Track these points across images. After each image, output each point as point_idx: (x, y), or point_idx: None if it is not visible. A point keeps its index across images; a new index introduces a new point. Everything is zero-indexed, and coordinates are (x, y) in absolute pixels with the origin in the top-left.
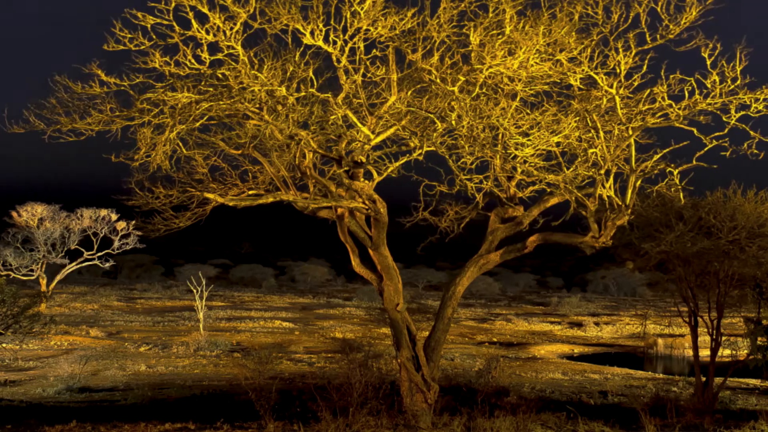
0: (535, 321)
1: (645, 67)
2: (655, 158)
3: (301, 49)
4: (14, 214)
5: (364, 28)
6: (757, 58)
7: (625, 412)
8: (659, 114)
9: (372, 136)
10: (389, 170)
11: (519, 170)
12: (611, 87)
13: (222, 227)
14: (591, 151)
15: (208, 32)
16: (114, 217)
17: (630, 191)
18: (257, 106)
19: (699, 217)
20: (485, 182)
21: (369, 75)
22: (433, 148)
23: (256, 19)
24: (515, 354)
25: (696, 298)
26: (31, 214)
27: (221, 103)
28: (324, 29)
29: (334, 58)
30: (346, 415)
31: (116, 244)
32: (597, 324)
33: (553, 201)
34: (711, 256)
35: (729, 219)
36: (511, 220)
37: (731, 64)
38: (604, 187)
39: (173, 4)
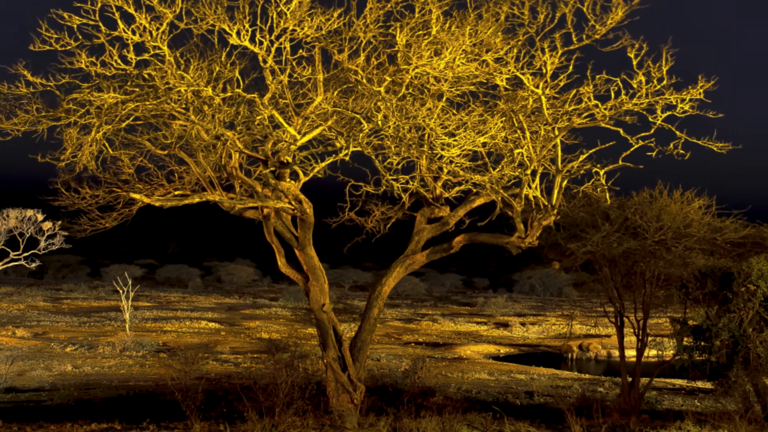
0: (461, 321)
1: (571, 68)
2: (581, 158)
3: (228, 49)
4: None
5: (291, 28)
6: (682, 59)
7: (552, 413)
8: (585, 114)
9: (298, 137)
10: (315, 170)
11: (445, 170)
12: (537, 87)
13: (148, 227)
14: (517, 151)
15: (134, 32)
16: (40, 217)
17: (556, 191)
18: (183, 106)
19: (625, 217)
20: (411, 182)
21: (295, 75)
22: (359, 149)
23: (183, 19)
24: (441, 354)
25: (622, 299)
26: None
27: (147, 103)
28: (250, 29)
29: (260, 59)
30: (272, 415)
31: (42, 244)
32: (523, 324)
33: (480, 201)
34: (637, 256)
35: (655, 219)
36: (437, 220)
37: (657, 65)
38: (530, 188)
39: (99, 5)
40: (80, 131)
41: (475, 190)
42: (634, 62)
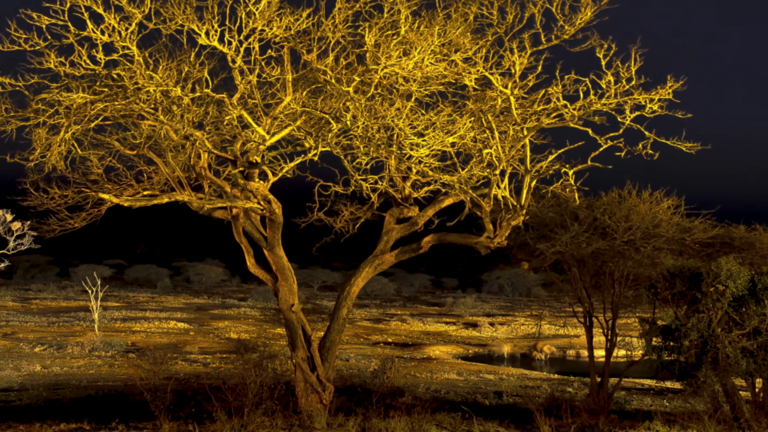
0: (430, 321)
1: (540, 68)
2: (550, 158)
3: (196, 49)
4: None
5: (259, 28)
6: (651, 59)
7: (521, 413)
8: (554, 114)
9: (267, 137)
10: (284, 171)
11: (414, 170)
12: (506, 87)
13: (117, 228)
14: (486, 151)
15: (103, 32)
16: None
17: (525, 191)
18: (152, 106)
19: (594, 217)
20: (380, 183)
21: (264, 75)
22: (328, 149)
23: (151, 19)
24: (410, 354)
25: (591, 299)
26: None
27: (116, 103)
28: (219, 30)
29: (229, 59)
30: (241, 415)
31: (11, 244)
32: (492, 324)
33: (448, 201)
34: (606, 256)
35: (624, 219)
36: (406, 220)
37: (626, 65)
38: (499, 188)
39: (68, 5)
40: (49, 131)
41: (443, 190)
42: (603, 62)
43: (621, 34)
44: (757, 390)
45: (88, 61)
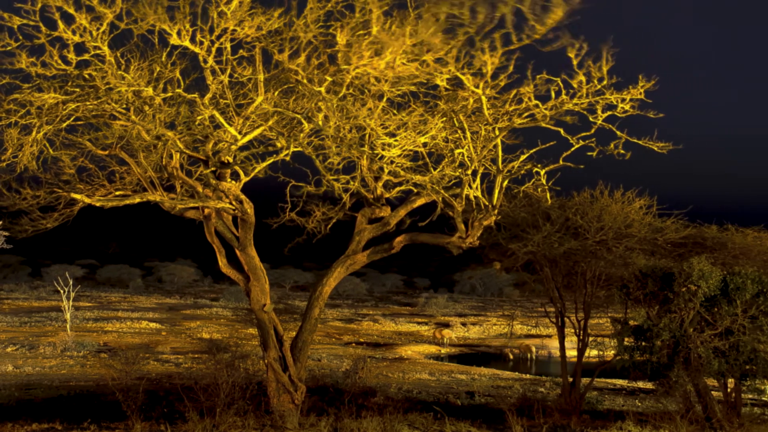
0: (402, 321)
1: (511, 68)
2: (521, 158)
3: (168, 49)
4: None
5: (231, 28)
6: (623, 59)
7: (493, 413)
8: (526, 114)
9: (239, 137)
10: (256, 171)
11: (386, 171)
12: (477, 87)
13: (89, 228)
14: (458, 151)
15: (74, 33)
16: None
17: (497, 191)
18: (124, 106)
19: (566, 217)
20: (352, 183)
21: (236, 75)
22: (300, 149)
23: (123, 19)
24: (382, 354)
25: (563, 299)
26: None
27: (88, 103)
28: (191, 29)
29: (200, 59)
30: (213, 415)
31: None
32: (464, 324)
33: (420, 201)
34: (578, 256)
35: (596, 219)
36: (378, 220)
37: (598, 65)
38: (470, 188)
39: (39, 5)
40: (21, 132)
41: (415, 191)
42: (575, 62)
43: (592, 33)
44: (729, 390)
45: (59, 62)
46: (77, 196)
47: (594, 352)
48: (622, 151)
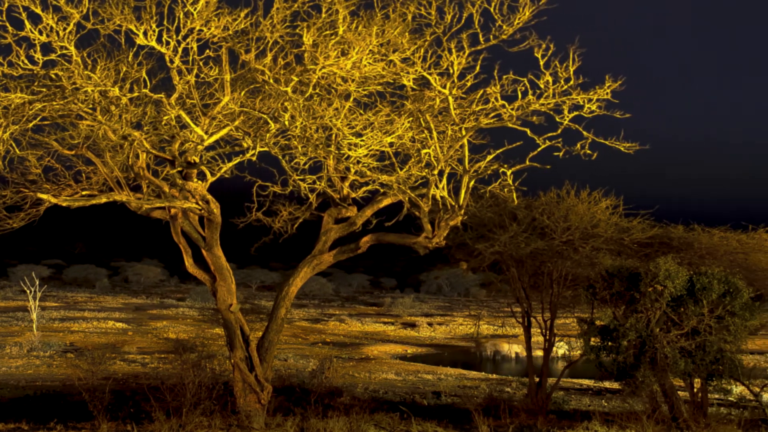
0: (369, 321)
1: (478, 68)
2: (488, 159)
3: (135, 49)
4: None
5: (198, 28)
6: (589, 59)
7: (459, 413)
8: (492, 114)
9: (205, 137)
10: (222, 171)
11: (352, 171)
12: (444, 87)
13: (56, 228)
14: (424, 151)
15: (41, 33)
16: None
17: (463, 191)
18: (90, 106)
19: (533, 217)
20: (318, 183)
21: (202, 75)
22: (266, 149)
23: (90, 19)
24: (349, 354)
25: (529, 299)
26: None
27: (55, 103)
28: (157, 30)
29: (167, 59)
30: (179, 415)
31: None
32: (430, 324)
33: (387, 201)
34: (545, 256)
35: (562, 219)
36: (344, 220)
37: (564, 65)
38: (437, 188)
39: (6, 5)
40: None
41: (382, 191)
42: (541, 62)
43: (559, 34)
44: (695, 390)
45: (26, 61)
46: (44, 196)
47: (561, 352)
48: (589, 152)
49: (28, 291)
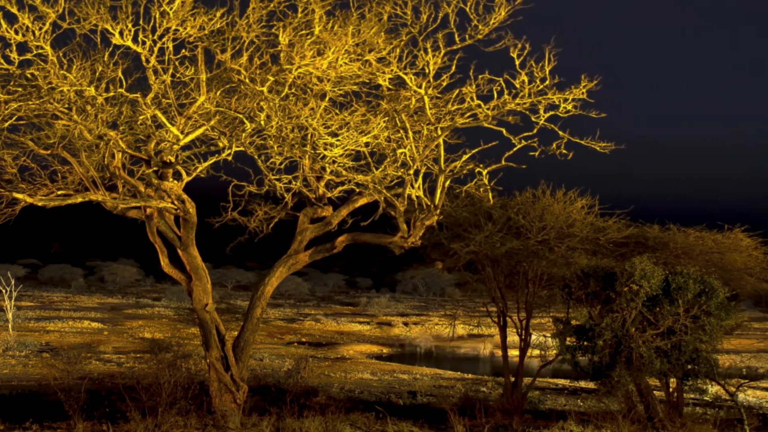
0: (344, 321)
1: (454, 68)
2: (464, 158)
3: (110, 49)
4: None
5: (173, 28)
6: (565, 59)
7: (435, 413)
8: (468, 114)
9: (181, 137)
10: (198, 170)
11: (328, 170)
12: (420, 87)
13: (31, 227)
14: (400, 151)
15: (17, 32)
16: None
17: (439, 191)
18: (66, 106)
19: (508, 217)
20: (294, 182)
21: (178, 75)
22: (242, 149)
23: (65, 19)
24: (324, 354)
25: (505, 299)
26: None
27: (30, 103)
28: (133, 29)
29: (143, 59)
30: (155, 415)
31: None
32: (406, 324)
33: (362, 201)
34: (520, 256)
35: (538, 219)
36: (320, 220)
37: (540, 65)
38: (413, 187)
39: None
40: None
41: (358, 190)
42: (517, 62)
43: (535, 34)
44: (671, 390)
45: (1, 61)
46: (19, 196)
47: (536, 352)
48: (564, 151)
49: (3, 291)
